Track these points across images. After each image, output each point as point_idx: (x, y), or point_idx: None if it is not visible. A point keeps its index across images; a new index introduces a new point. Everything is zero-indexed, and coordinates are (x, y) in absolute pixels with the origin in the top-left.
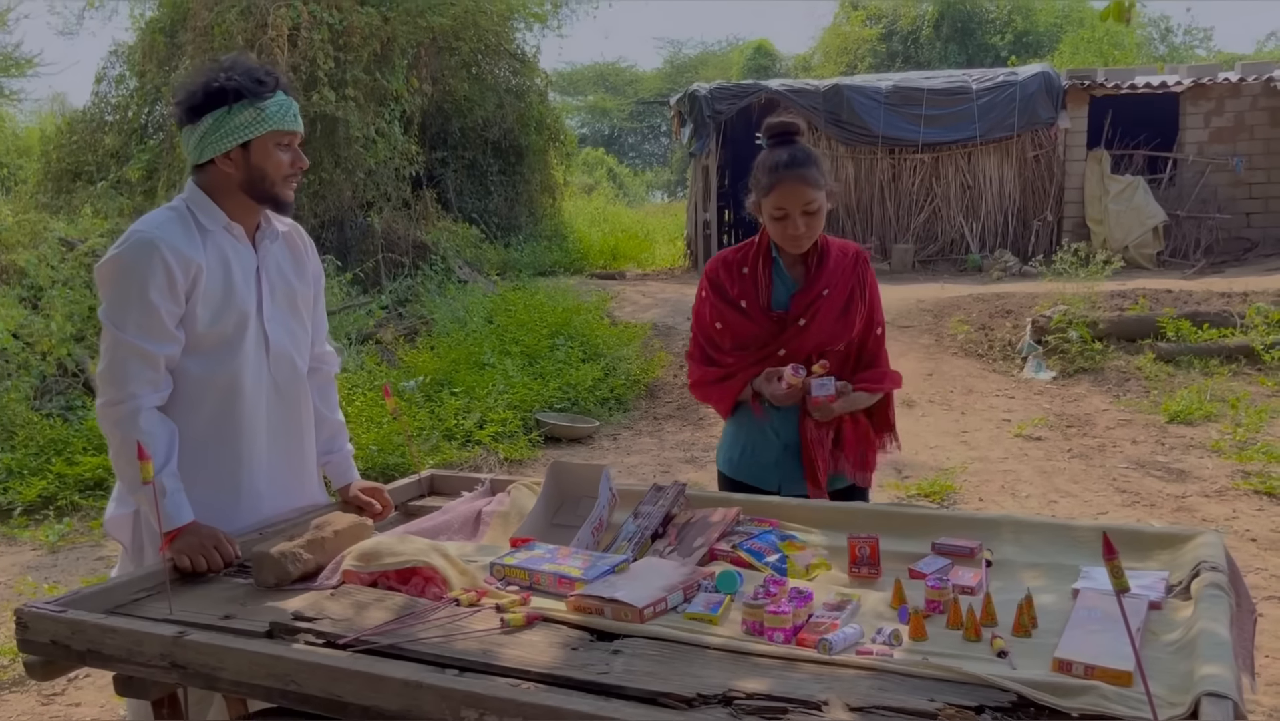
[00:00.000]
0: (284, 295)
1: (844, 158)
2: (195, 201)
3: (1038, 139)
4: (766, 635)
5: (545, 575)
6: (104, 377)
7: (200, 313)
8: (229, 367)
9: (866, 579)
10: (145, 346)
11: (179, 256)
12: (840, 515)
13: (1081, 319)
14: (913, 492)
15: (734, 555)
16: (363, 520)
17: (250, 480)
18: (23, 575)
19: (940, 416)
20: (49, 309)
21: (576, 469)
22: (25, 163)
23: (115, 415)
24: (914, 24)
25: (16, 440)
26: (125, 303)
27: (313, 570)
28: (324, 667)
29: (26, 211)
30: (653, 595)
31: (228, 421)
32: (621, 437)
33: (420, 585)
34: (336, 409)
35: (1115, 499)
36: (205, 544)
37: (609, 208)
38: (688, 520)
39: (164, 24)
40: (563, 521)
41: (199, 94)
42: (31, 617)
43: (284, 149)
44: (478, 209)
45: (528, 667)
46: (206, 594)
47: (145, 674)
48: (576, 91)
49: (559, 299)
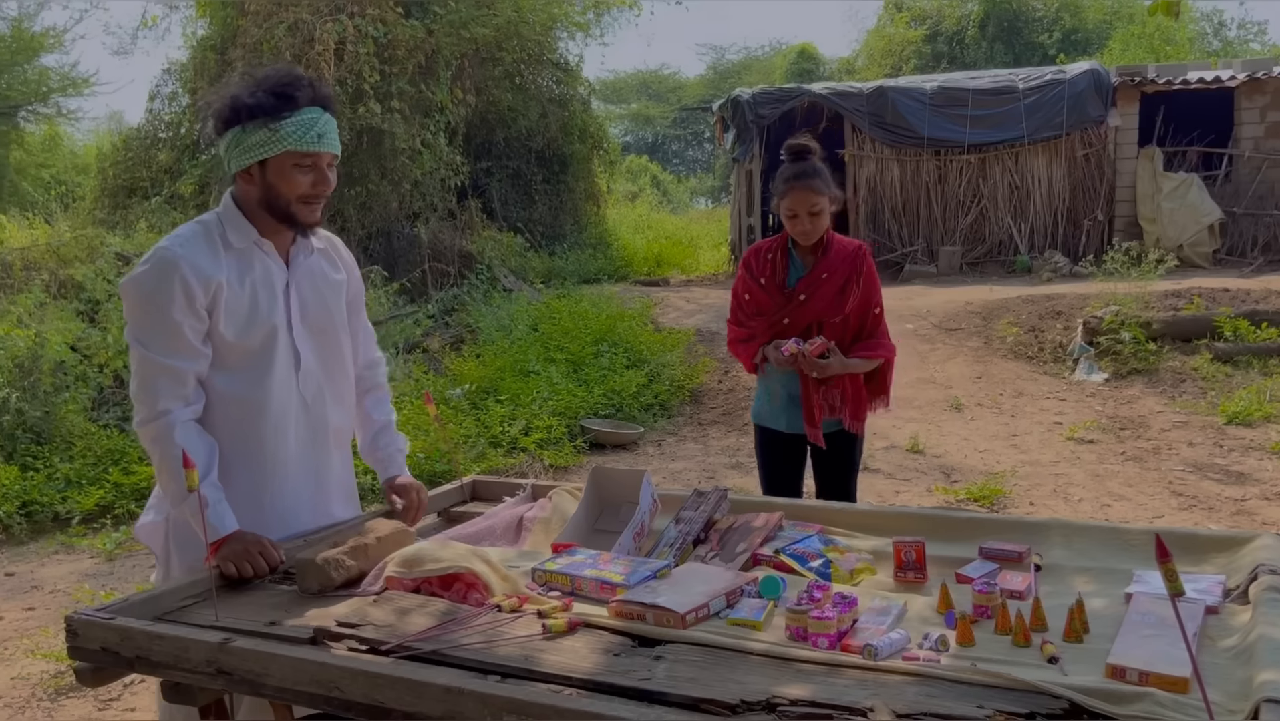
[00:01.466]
0: (316, 311)
1: (889, 160)
2: (227, 216)
3: (1087, 137)
4: (810, 641)
5: (587, 580)
6: (137, 396)
7: (224, 329)
8: (257, 384)
9: (912, 583)
10: (172, 363)
11: (199, 274)
12: (885, 519)
13: (1134, 319)
14: (961, 496)
15: (777, 560)
16: (405, 527)
17: (277, 496)
18: (80, 583)
19: (989, 420)
20: (105, 322)
21: (617, 474)
22: (83, 180)
23: (151, 432)
24: (959, 24)
25: (75, 450)
26: (149, 321)
27: (356, 576)
28: (366, 674)
29: (84, 227)
30: (695, 601)
31: (255, 438)
32: (666, 444)
33: (462, 591)
34: (388, 409)
35: (1171, 502)
36: (250, 550)
37: (653, 215)
38: (730, 525)
39: (215, 41)
40: (604, 527)
41: (220, 109)
42: (81, 625)
43: (304, 170)
44: (522, 218)
45: (569, 674)
46: (251, 600)
47: (191, 680)
48: (620, 99)
49: (603, 306)
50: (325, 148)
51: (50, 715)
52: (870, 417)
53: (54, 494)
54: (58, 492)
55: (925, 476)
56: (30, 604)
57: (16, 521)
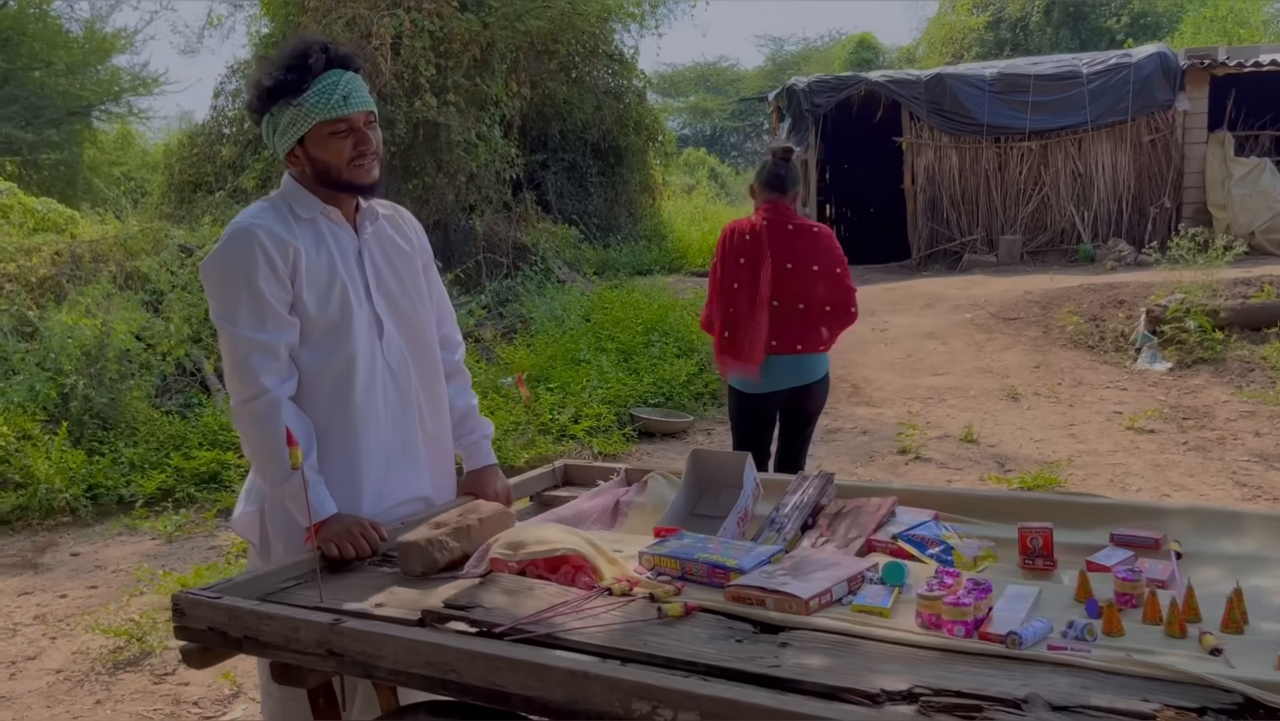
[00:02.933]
0: (391, 277)
1: (947, 147)
2: (288, 192)
3: (1154, 122)
4: (945, 628)
5: (698, 565)
6: (233, 377)
7: (307, 298)
8: (342, 354)
9: (1041, 571)
10: (262, 337)
11: (276, 241)
12: (1001, 504)
13: (1200, 307)
14: (1015, 486)
15: (894, 546)
16: (506, 509)
17: (369, 472)
18: (141, 562)
19: (1047, 409)
20: (168, 312)
21: (718, 457)
22: (152, 177)
23: (253, 411)
24: (1023, 10)
25: (139, 436)
26: (234, 296)
27: (459, 558)
28: (485, 656)
29: (151, 222)
30: (817, 586)
31: (344, 413)
32: (716, 432)
33: (570, 574)
34: (470, 394)
35: (1235, 493)
36: (353, 531)
37: (709, 207)
38: (839, 510)
39: (276, 38)
40: (703, 511)
41: (252, 99)
42: (188, 604)
43: (341, 136)
44: (577, 210)
45: (693, 659)
46: (354, 582)
47: (301, 661)
48: (678, 93)
49: (655, 296)
50: (354, 108)
51: (108, 688)
52: (923, 408)
53: (118, 478)
54: (122, 476)
55: (978, 465)
56: (93, 582)
57: (83, 504)
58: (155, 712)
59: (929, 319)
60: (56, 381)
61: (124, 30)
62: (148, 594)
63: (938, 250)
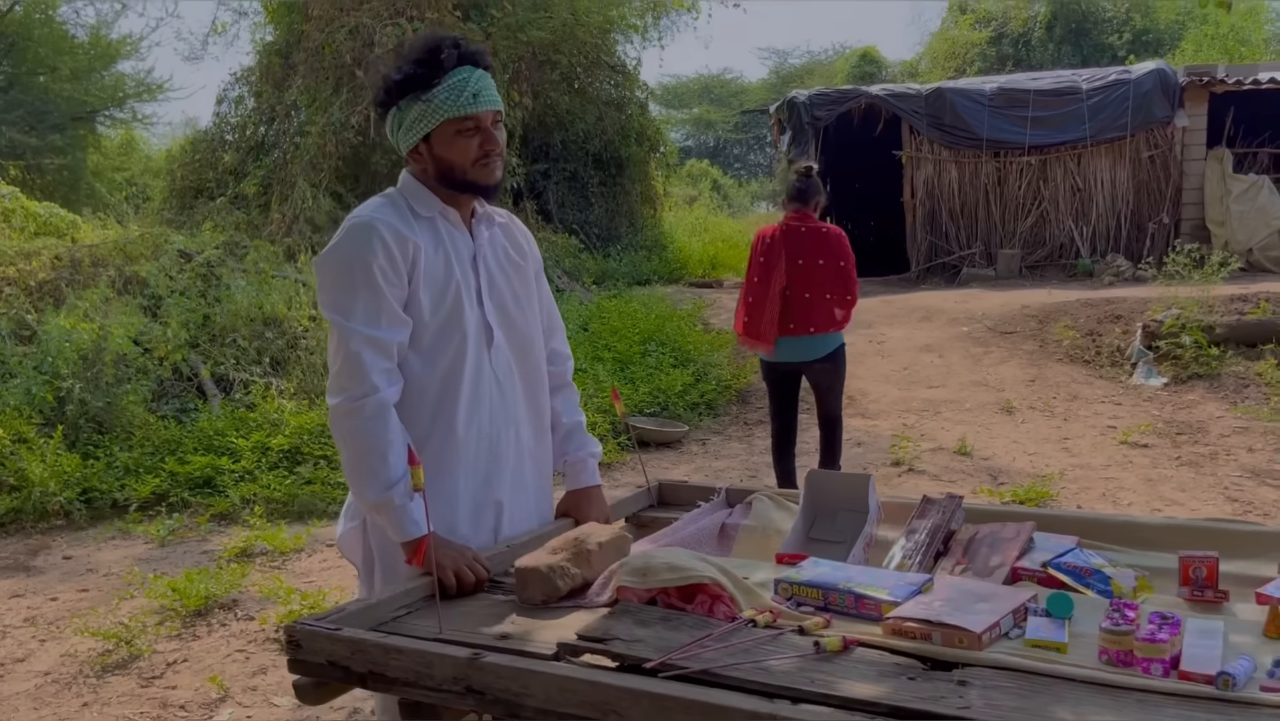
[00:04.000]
0: (505, 284)
1: (947, 161)
2: (407, 190)
3: (1153, 138)
4: (1139, 666)
5: (843, 594)
6: (340, 375)
7: (423, 297)
8: (451, 361)
9: (1210, 603)
10: (376, 333)
11: (396, 235)
12: (1150, 531)
13: (1196, 323)
14: (1007, 500)
15: (1044, 574)
16: (624, 532)
17: (469, 487)
18: (132, 566)
19: (1041, 423)
20: (165, 316)
21: (835, 478)
22: (155, 182)
23: (362, 412)
24: (1025, 26)
25: (134, 440)
26: (351, 289)
27: (579, 586)
28: (651, 695)
29: (152, 227)
30: (985, 619)
31: (449, 423)
32: (711, 442)
33: (707, 603)
34: (578, 410)
35: (1225, 508)
36: (467, 556)
37: (710, 218)
38: (972, 536)
39: (279, 46)
40: (819, 535)
41: (379, 92)
42: (305, 636)
43: (468, 134)
44: (578, 220)
45: (874, 699)
46: (470, 612)
47: (436, 699)
48: (682, 104)
49: (652, 306)
50: (484, 107)
51: (95, 691)
52: (917, 420)
53: (113, 481)
54: (116, 481)
55: (971, 478)
56: (85, 586)
57: (77, 507)
58: (142, 716)
59: (926, 332)
60: (53, 385)
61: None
62: (137, 597)
63: (936, 263)
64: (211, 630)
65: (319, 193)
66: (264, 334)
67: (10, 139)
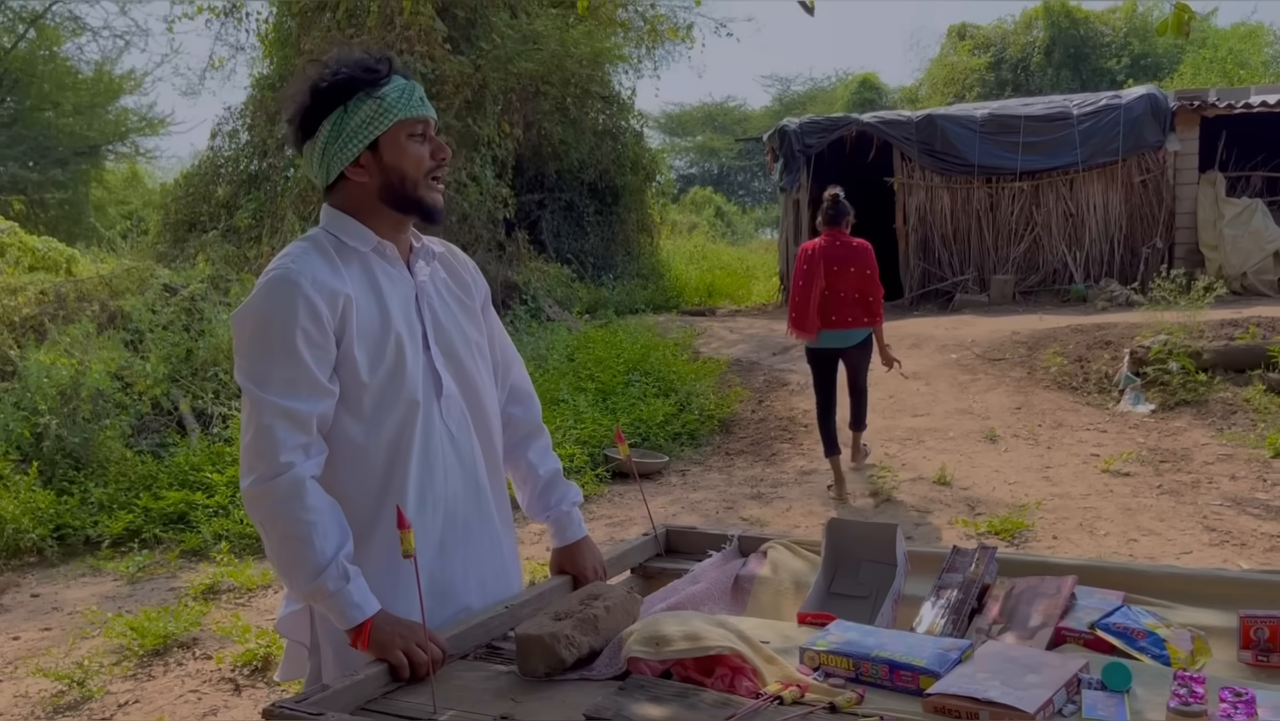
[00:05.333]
0: (452, 325)
1: (939, 188)
2: (334, 224)
3: (1145, 163)
4: None
5: (875, 664)
6: (250, 451)
7: (358, 355)
8: (398, 419)
9: (1275, 670)
10: (292, 405)
11: (322, 289)
12: (1199, 584)
13: (1183, 349)
14: (983, 530)
15: (1092, 636)
16: (633, 593)
17: (426, 558)
18: (98, 605)
19: (1024, 451)
20: (146, 351)
21: (858, 527)
22: (155, 215)
23: (275, 493)
24: (1024, 51)
25: (109, 476)
26: (267, 355)
27: (586, 655)
28: None
29: (144, 260)
30: (1037, 696)
31: (401, 488)
32: (690, 473)
33: (728, 677)
34: (554, 456)
35: (1202, 537)
36: (410, 638)
37: (708, 245)
38: (1009, 591)
39: (273, 80)
40: (841, 590)
41: (307, 98)
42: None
43: (418, 140)
44: (574, 249)
45: None
46: (467, 686)
47: None
48: (685, 132)
49: (639, 336)
50: (430, 113)
51: None
52: (899, 449)
53: (86, 518)
54: (90, 517)
55: (949, 509)
56: (48, 624)
57: (49, 544)
58: None
59: (915, 359)
60: (30, 421)
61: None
62: (96, 637)
63: (929, 290)
64: (168, 669)
65: (308, 225)
66: None
67: (14, 174)
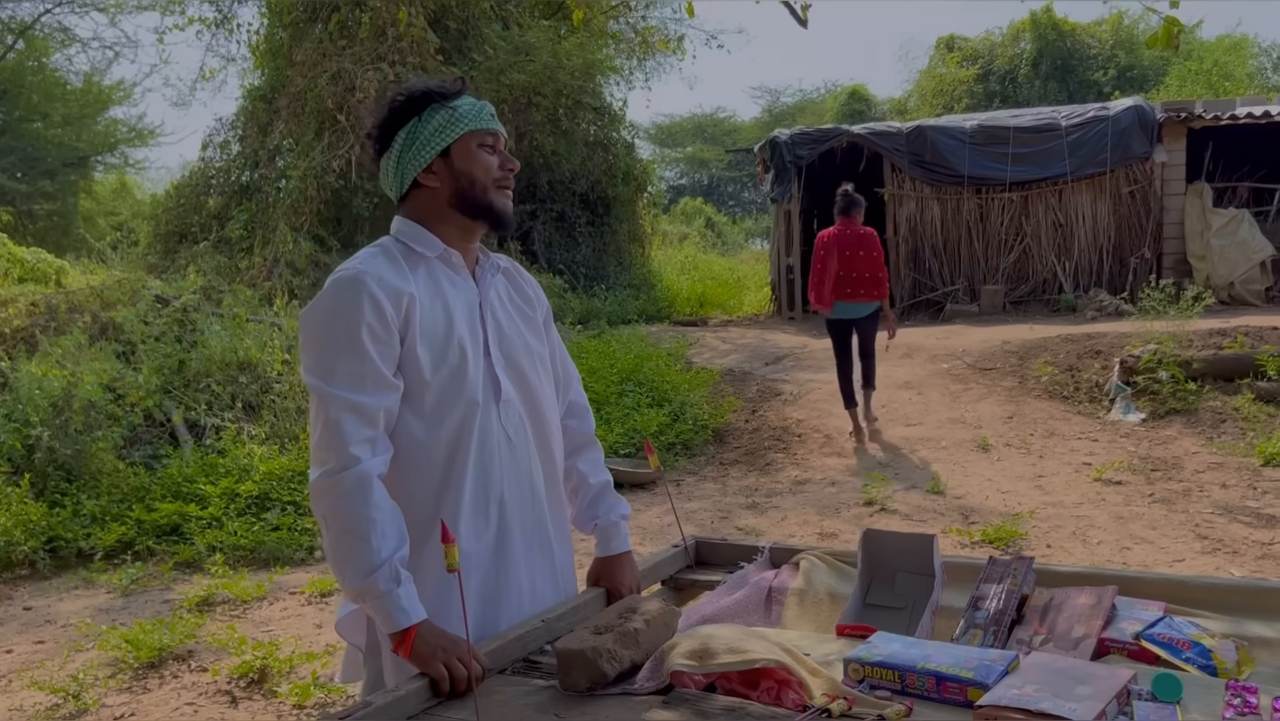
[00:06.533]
0: (515, 335)
1: (929, 199)
2: (404, 232)
3: (1132, 174)
4: None
5: (922, 676)
6: (320, 445)
7: (421, 354)
8: (457, 421)
9: None
10: (359, 399)
11: (387, 288)
12: (1242, 594)
13: (1173, 358)
14: (976, 539)
15: (1136, 647)
16: (672, 606)
17: (480, 565)
18: (91, 618)
19: (1016, 460)
20: (138, 362)
21: (893, 538)
22: (144, 226)
23: (341, 487)
24: (1011, 63)
25: (102, 488)
26: (333, 350)
27: (627, 669)
28: None
29: (135, 271)
30: (1089, 708)
31: (458, 491)
32: (685, 483)
33: (774, 690)
34: (603, 469)
35: (1194, 545)
36: (452, 652)
37: (699, 256)
38: (1047, 602)
39: (264, 91)
40: (876, 600)
41: (385, 113)
42: None
43: (488, 150)
44: (566, 260)
45: None
46: (507, 701)
47: None
48: (676, 143)
49: (632, 346)
50: (500, 128)
51: None
52: (895, 458)
53: (78, 530)
54: (82, 529)
55: (942, 518)
56: (41, 637)
57: (41, 557)
58: None
59: (906, 369)
60: (22, 433)
61: (122, 82)
62: (90, 650)
63: (920, 300)
64: (163, 682)
65: (300, 236)
66: (238, 378)
67: (2, 185)
